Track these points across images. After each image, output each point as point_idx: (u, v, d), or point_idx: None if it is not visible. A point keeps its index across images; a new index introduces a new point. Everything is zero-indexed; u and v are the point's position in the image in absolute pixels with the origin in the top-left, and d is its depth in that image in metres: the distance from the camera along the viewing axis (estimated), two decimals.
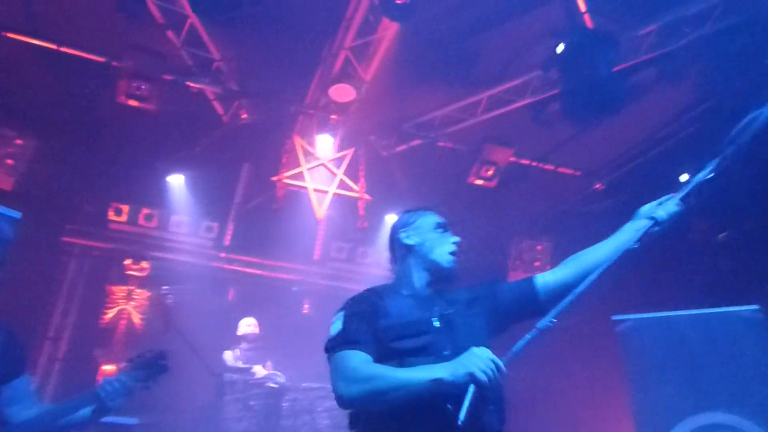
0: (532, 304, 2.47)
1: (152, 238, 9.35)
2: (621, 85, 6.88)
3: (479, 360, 2.07)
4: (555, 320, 2.16)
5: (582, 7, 6.79)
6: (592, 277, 2.26)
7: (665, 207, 2.45)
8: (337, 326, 2.38)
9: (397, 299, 2.49)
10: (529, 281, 2.54)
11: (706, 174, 2.35)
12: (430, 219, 2.70)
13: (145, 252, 9.07)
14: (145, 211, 9.33)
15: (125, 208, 9.23)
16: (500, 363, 2.09)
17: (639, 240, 2.34)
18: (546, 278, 2.52)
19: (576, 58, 6.49)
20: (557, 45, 6.93)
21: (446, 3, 7.32)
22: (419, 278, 2.60)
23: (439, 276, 2.60)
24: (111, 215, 9.15)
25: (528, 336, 2.15)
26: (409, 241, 2.66)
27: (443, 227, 2.69)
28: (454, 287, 2.61)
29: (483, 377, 2.04)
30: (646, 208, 2.49)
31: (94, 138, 8.34)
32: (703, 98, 7.78)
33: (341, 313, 2.43)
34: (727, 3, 6.79)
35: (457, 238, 2.66)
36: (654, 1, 6.90)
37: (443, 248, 2.62)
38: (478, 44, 7.66)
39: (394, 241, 2.74)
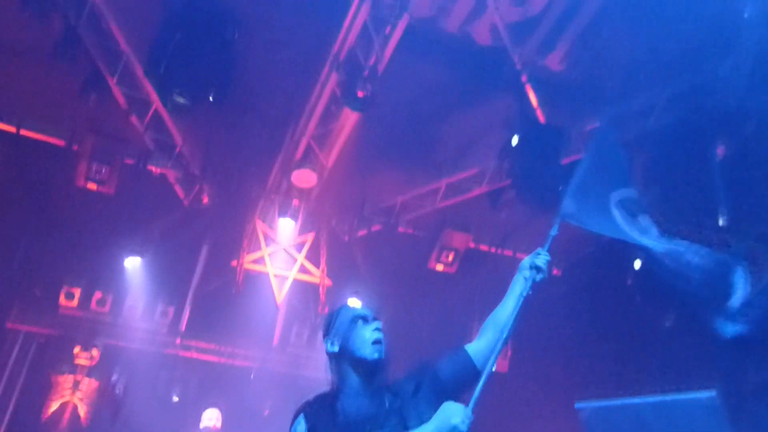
0: (473, 371, 2.64)
1: (104, 324, 8.99)
2: (571, 176, 7.15)
3: (457, 413, 2.31)
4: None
5: (534, 101, 7.16)
6: (509, 326, 2.71)
7: (540, 258, 2.86)
8: None
9: (348, 400, 2.47)
10: (463, 352, 2.69)
11: (555, 230, 2.98)
12: (347, 314, 2.66)
13: (96, 338, 8.70)
14: (98, 294, 9.01)
15: (77, 291, 8.90)
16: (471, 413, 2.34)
17: (531, 288, 2.81)
18: (476, 346, 2.72)
19: (529, 149, 6.78)
20: (511, 135, 7.24)
21: (406, 93, 7.64)
22: (357, 378, 2.55)
23: (372, 370, 2.55)
24: (62, 299, 8.81)
25: (481, 383, 2.49)
26: (334, 348, 2.60)
27: (362, 318, 2.65)
28: (399, 377, 2.62)
29: (465, 428, 2.28)
30: (526, 262, 2.89)
31: (48, 221, 8.17)
32: (648, 187, 8.14)
33: (302, 420, 2.39)
34: (667, 103, 7.27)
35: (377, 323, 2.62)
36: (599, 97, 7.34)
37: (365, 340, 2.56)
38: (436, 133, 7.96)
39: (326, 354, 2.68)
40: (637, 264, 7.99)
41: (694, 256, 2.85)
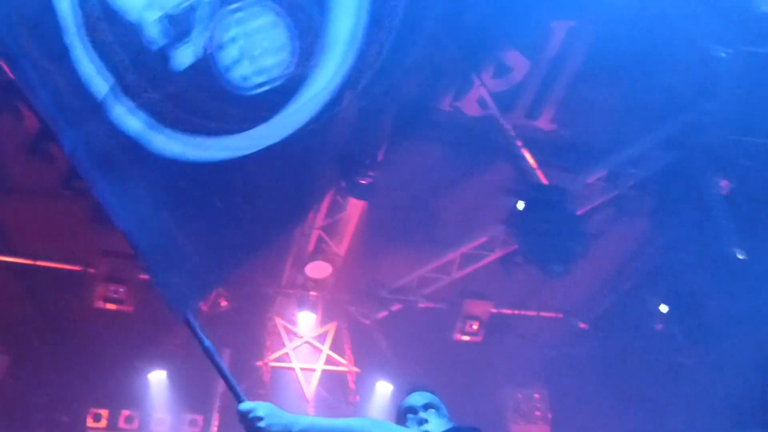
0: None
1: None
2: (582, 229, 7.22)
3: None
4: None
5: (533, 163, 7.29)
6: None
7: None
8: None
9: None
10: None
11: None
12: (401, 408, 2.69)
13: None
14: (126, 413, 8.92)
15: (104, 412, 8.82)
16: None
17: None
18: None
19: (536, 211, 6.85)
20: (515, 198, 7.33)
21: (405, 173, 7.80)
22: None
23: None
24: (89, 422, 8.72)
25: None
26: None
27: (410, 410, 2.65)
28: None
29: None
30: None
31: (70, 346, 8.18)
32: (657, 231, 8.18)
33: None
34: (660, 147, 7.41)
35: (423, 414, 2.60)
36: (598, 150, 7.48)
37: None
38: (441, 206, 8.07)
39: None
40: (663, 307, 7.91)
41: None
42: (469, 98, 7.39)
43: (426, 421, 2.58)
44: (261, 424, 2.23)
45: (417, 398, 2.69)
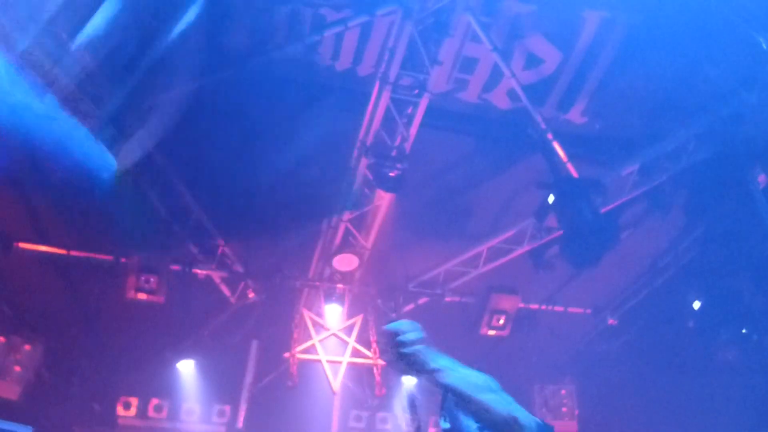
0: None
1: (162, 430, 8.99)
2: (613, 223, 7.10)
3: None
4: None
5: (563, 156, 7.17)
6: None
7: None
8: None
9: None
10: None
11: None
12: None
13: None
14: (155, 401, 9.06)
15: (134, 401, 8.98)
16: None
17: None
18: None
19: (566, 205, 6.75)
20: (546, 193, 7.22)
21: (434, 166, 7.76)
22: None
23: None
24: (120, 410, 8.87)
25: None
26: (446, 425, 2.55)
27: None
28: None
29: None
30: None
31: (102, 335, 8.33)
32: (692, 226, 8.01)
33: None
34: (695, 139, 7.23)
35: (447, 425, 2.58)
36: (631, 142, 7.33)
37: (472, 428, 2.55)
38: (469, 200, 8.00)
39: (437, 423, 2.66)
40: (696, 304, 7.75)
41: None
42: (499, 90, 7.31)
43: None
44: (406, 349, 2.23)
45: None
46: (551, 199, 6.89)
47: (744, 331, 7.52)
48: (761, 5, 5.47)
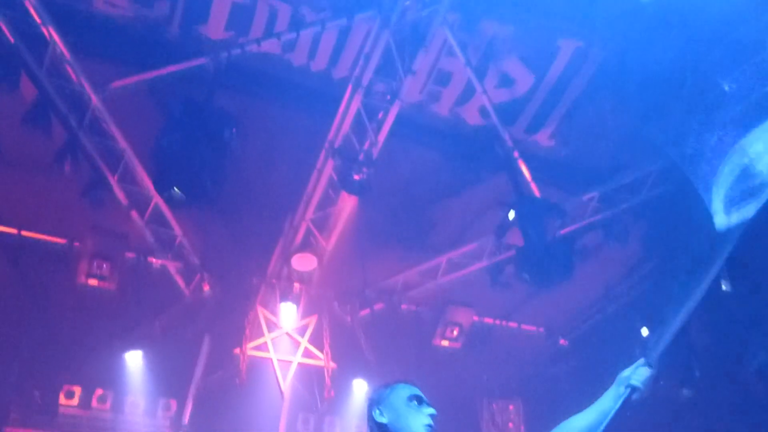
0: None
1: (105, 422, 8.77)
2: (570, 246, 7.25)
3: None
4: None
5: (527, 175, 7.30)
6: None
7: (638, 374, 2.61)
8: None
9: None
10: None
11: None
12: (403, 392, 2.61)
13: None
14: (99, 392, 8.83)
15: (78, 390, 8.73)
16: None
17: (622, 407, 2.56)
18: None
19: (526, 224, 6.86)
20: (507, 211, 7.34)
21: (401, 175, 7.79)
22: None
23: None
24: (62, 399, 8.62)
25: None
26: (383, 419, 2.56)
27: (417, 399, 2.61)
28: None
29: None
30: (625, 374, 2.65)
31: (49, 320, 8.10)
32: (648, 256, 8.22)
33: None
34: (657, 174, 7.44)
35: (432, 410, 2.59)
36: (594, 170, 7.50)
37: (418, 422, 2.52)
38: (433, 212, 8.07)
39: (369, 419, 2.67)
40: (644, 331, 7.93)
41: None
42: (471, 105, 7.40)
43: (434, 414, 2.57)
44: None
45: (416, 389, 2.64)
46: (512, 214, 7.01)
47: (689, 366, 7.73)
48: (726, 51, 5.66)
